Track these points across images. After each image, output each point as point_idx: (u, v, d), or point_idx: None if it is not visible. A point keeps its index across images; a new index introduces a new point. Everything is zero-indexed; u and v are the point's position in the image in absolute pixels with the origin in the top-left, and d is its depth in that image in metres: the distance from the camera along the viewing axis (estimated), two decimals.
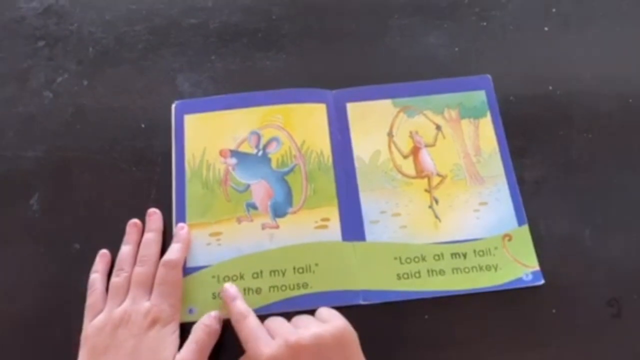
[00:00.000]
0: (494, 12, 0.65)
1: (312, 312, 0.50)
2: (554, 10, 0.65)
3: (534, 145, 0.58)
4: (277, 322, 0.47)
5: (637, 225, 0.55)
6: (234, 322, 0.48)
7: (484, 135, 0.58)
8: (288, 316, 0.50)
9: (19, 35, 0.64)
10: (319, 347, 0.43)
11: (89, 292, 0.51)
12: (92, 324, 0.48)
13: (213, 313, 0.50)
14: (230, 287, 0.51)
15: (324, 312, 0.47)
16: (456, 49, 0.63)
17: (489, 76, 0.61)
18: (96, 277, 0.51)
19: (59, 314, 0.51)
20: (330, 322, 0.45)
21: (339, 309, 0.50)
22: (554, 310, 0.51)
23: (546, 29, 0.64)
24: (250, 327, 0.46)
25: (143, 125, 0.59)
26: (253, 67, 0.62)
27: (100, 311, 0.49)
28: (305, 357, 0.43)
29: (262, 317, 0.50)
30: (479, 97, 0.60)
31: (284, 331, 0.45)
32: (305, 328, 0.45)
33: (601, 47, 0.63)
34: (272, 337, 0.45)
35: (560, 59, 0.62)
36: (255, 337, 0.45)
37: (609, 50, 0.62)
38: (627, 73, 0.61)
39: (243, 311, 0.48)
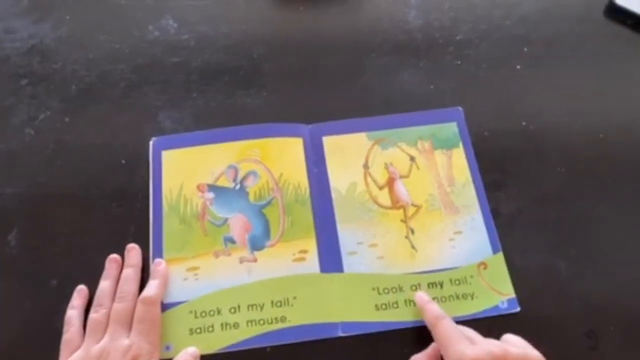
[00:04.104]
0: (468, 51, 0.67)
1: (291, 347, 0.50)
2: (525, 49, 0.67)
3: (509, 179, 0.59)
4: (471, 332, 0.47)
5: (612, 257, 0.55)
6: (429, 325, 0.48)
7: (457, 166, 0.59)
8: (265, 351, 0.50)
9: (2, 74, 0.65)
10: None
11: (65, 328, 0.50)
12: None
13: (190, 350, 0.50)
14: (423, 294, 0.52)
15: (513, 337, 0.47)
16: (431, 86, 0.64)
17: (460, 108, 0.62)
18: (73, 313, 0.51)
19: (35, 351, 0.51)
20: (529, 349, 0.45)
21: (318, 341, 0.51)
22: (531, 343, 0.51)
23: (518, 67, 0.66)
24: (448, 329, 0.46)
25: (123, 162, 0.59)
26: (234, 104, 0.63)
27: (77, 348, 0.48)
28: None
29: (240, 353, 0.50)
30: (451, 128, 0.61)
31: (486, 342, 0.45)
32: (509, 345, 0.45)
33: (571, 84, 0.65)
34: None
35: (532, 95, 0.64)
36: (456, 338, 0.45)
37: (578, 87, 0.64)
38: (597, 108, 0.63)
39: (439, 313, 0.48)
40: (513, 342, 0.46)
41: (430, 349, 0.49)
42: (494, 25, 0.69)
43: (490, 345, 0.44)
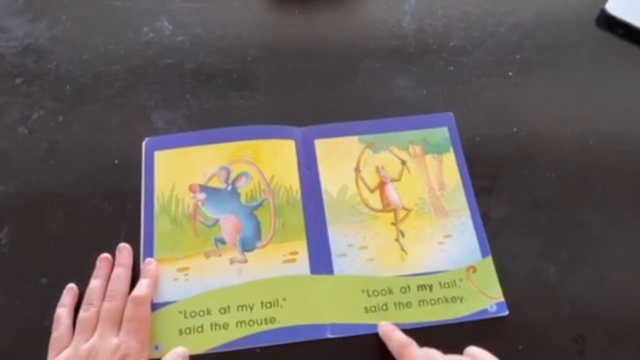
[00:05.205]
0: (461, 57, 0.67)
1: (280, 348, 0.51)
2: (517, 56, 0.67)
3: (500, 184, 0.59)
4: (435, 351, 0.47)
5: (600, 262, 0.55)
6: (396, 354, 0.48)
7: (448, 170, 0.59)
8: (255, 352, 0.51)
9: None
10: None
11: (54, 326, 0.50)
12: (58, 359, 0.47)
13: (179, 349, 0.50)
14: (386, 323, 0.51)
15: (479, 351, 0.47)
16: (424, 91, 0.65)
17: (451, 113, 0.63)
18: (63, 311, 0.51)
19: (24, 349, 0.51)
20: None
21: (307, 342, 0.51)
22: (520, 347, 0.51)
23: (510, 73, 0.66)
24: (416, 354, 0.47)
25: (116, 161, 0.60)
26: (227, 106, 0.63)
27: (66, 346, 0.48)
28: None
29: (229, 354, 0.50)
30: (442, 133, 0.61)
31: None
32: None
33: (563, 91, 0.65)
34: None
35: (524, 102, 0.64)
36: None
37: (569, 94, 0.65)
38: (588, 116, 0.63)
39: (404, 340, 0.48)
40: (480, 357, 0.46)
41: None
42: (487, 32, 0.69)
43: None
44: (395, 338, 0.49)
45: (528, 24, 0.70)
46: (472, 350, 0.47)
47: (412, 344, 0.48)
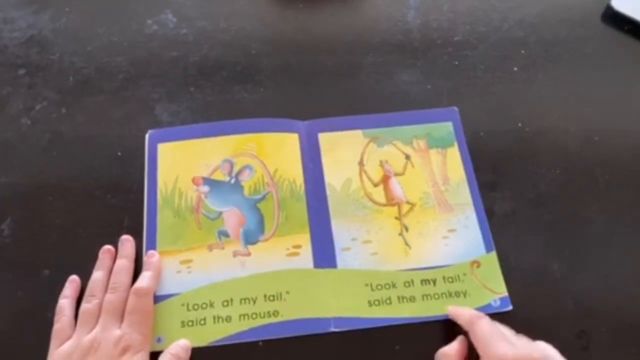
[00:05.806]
0: (466, 52, 0.67)
1: (283, 341, 0.51)
2: (522, 51, 0.67)
3: (504, 179, 0.59)
4: (507, 330, 0.47)
5: (604, 258, 0.55)
6: (467, 323, 0.48)
7: (452, 165, 0.59)
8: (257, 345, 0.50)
9: (0, 64, 0.65)
10: None
11: (56, 318, 0.50)
12: (60, 351, 0.47)
13: (181, 342, 0.50)
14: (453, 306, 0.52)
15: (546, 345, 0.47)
16: (428, 86, 0.65)
17: (455, 108, 0.63)
18: (65, 302, 0.51)
19: (26, 340, 0.50)
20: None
21: (311, 336, 0.51)
22: None
23: (515, 69, 0.66)
24: (489, 327, 0.46)
25: (119, 153, 0.59)
26: (231, 99, 0.63)
27: (68, 337, 0.48)
28: None
29: (232, 347, 0.50)
30: (446, 128, 0.61)
31: (525, 345, 0.45)
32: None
33: (567, 87, 0.65)
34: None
35: (529, 97, 0.64)
36: (496, 337, 0.45)
37: (574, 90, 0.65)
38: (592, 112, 0.63)
39: (477, 312, 0.49)
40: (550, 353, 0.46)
41: (458, 344, 0.48)
42: (492, 28, 0.69)
43: (530, 349, 0.45)
44: (466, 312, 0.49)
45: (533, 19, 0.70)
46: (547, 349, 0.46)
47: (485, 318, 0.48)
